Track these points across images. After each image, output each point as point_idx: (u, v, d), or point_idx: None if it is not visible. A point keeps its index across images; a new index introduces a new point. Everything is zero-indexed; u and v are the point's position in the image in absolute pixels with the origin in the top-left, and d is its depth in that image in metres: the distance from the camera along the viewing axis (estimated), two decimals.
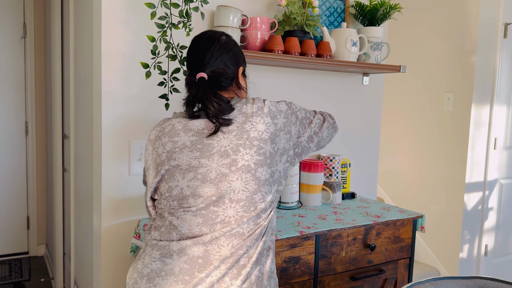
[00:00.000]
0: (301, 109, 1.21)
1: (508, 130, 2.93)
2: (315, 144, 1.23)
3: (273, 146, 1.09)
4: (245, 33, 1.72)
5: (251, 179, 1.05)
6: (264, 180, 1.07)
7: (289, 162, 1.14)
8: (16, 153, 3.37)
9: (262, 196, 1.07)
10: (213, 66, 1.15)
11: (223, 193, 1.05)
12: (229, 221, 1.04)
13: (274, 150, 1.09)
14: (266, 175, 1.07)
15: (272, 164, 1.09)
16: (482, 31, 2.69)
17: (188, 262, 1.02)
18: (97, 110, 1.65)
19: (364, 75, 2.21)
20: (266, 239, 1.08)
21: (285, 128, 1.13)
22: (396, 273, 1.81)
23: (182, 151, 1.08)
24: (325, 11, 2.02)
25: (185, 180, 1.07)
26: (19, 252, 3.46)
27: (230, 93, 1.19)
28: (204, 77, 1.13)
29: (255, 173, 1.06)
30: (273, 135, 1.09)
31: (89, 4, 1.77)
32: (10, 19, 3.26)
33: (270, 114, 1.11)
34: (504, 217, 3.00)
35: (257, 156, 1.06)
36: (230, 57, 1.17)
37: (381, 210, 1.88)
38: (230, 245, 1.03)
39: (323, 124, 1.26)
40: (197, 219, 1.05)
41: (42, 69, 3.39)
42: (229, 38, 1.20)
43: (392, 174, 3.26)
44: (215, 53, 1.15)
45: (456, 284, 1.18)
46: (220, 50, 1.16)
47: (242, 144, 1.06)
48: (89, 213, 1.90)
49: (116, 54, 1.60)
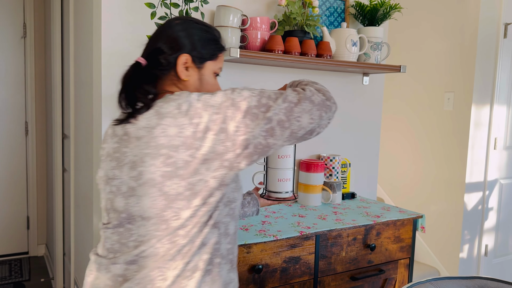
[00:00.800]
0: (253, 95, 0.92)
1: (508, 130, 2.93)
2: (285, 137, 0.93)
3: (190, 152, 0.89)
4: (245, 33, 1.72)
5: (158, 194, 0.90)
6: (176, 195, 0.90)
7: (228, 167, 0.91)
8: (16, 153, 3.37)
9: (175, 213, 0.91)
10: (147, 49, 1.03)
11: (134, 209, 0.94)
12: (142, 240, 0.93)
13: (191, 158, 0.89)
14: (178, 189, 0.89)
15: (187, 175, 0.89)
16: (482, 31, 2.68)
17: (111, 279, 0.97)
18: (97, 110, 1.65)
19: (364, 75, 2.20)
20: (192, 259, 0.93)
21: (214, 126, 0.89)
22: (396, 273, 1.81)
23: (105, 160, 0.99)
24: (325, 11, 2.02)
25: (106, 193, 0.99)
26: (19, 252, 3.46)
27: (171, 87, 1.03)
28: (141, 62, 1.01)
29: (161, 187, 0.90)
30: (190, 138, 0.88)
31: (89, 4, 1.77)
32: (10, 19, 3.26)
33: (188, 113, 0.90)
34: (504, 217, 3.00)
35: (164, 167, 0.89)
36: (165, 39, 1.01)
37: (381, 210, 1.88)
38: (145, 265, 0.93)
39: (295, 107, 0.93)
40: (114, 237, 0.97)
41: (42, 69, 3.39)
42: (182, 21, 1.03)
43: (392, 174, 3.26)
44: (153, 34, 1.04)
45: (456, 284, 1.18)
46: (158, 31, 1.04)
47: (150, 154, 0.90)
48: (89, 213, 1.90)
49: (116, 54, 1.60)
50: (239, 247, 1.40)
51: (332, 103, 0.99)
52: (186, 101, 0.91)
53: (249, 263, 1.43)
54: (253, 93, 0.93)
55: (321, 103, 0.97)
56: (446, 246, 2.86)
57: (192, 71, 1.02)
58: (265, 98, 0.92)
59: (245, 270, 1.42)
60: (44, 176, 3.47)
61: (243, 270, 1.42)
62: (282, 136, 0.93)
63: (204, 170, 0.90)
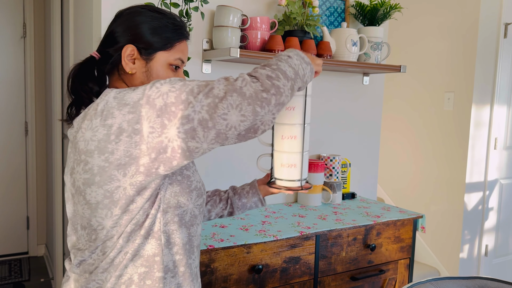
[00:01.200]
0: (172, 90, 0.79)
1: (508, 130, 2.93)
2: (210, 139, 0.79)
3: (104, 157, 0.80)
4: (245, 33, 1.72)
5: (84, 202, 0.85)
6: (96, 203, 0.83)
7: (145, 173, 0.81)
8: (16, 153, 3.37)
9: (99, 223, 0.84)
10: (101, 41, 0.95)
11: (72, 217, 0.90)
12: (82, 249, 0.89)
13: (106, 163, 0.80)
14: (97, 197, 0.83)
15: (103, 182, 0.81)
16: (482, 31, 2.68)
17: None
18: None
19: (364, 75, 2.20)
20: (124, 272, 0.86)
21: (128, 127, 0.79)
22: (396, 273, 1.81)
23: None
24: (325, 11, 2.02)
25: None
26: (19, 252, 3.46)
27: (119, 82, 0.94)
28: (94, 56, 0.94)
29: (85, 196, 0.84)
30: (103, 142, 0.80)
31: (89, 3, 1.77)
32: (10, 19, 3.26)
33: (103, 113, 0.81)
34: (504, 217, 3.00)
35: (84, 174, 0.83)
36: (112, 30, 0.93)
37: (381, 210, 1.87)
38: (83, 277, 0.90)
39: (220, 103, 0.77)
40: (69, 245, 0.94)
41: (42, 69, 3.39)
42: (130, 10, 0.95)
43: (392, 174, 3.26)
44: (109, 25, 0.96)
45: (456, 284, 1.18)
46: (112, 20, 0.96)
47: (76, 160, 0.85)
48: None
49: None
50: (239, 247, 1.40)
51: (271, 94, 0.80)
52: (103, 100, 0.82)
53: (249, 263, 1.43)
54: (173, 86, 0.79)
55: (254, 95, 0.79)
56: (446, 246, 2.86)
57: (138, 63, 0.92)
58: (185, 94, 0.78)
59: (245, 270, 1.42)
60: (44, 176, 3.46)
61: (243, 270, 1.42)
62: (206, 138, 0.78)
63: (121, 176, 0.80)
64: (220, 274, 1.38)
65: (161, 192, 0.86)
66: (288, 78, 0.84)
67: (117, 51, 0.91)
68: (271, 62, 0.86)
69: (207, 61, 1.77)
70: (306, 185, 1.10)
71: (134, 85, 0.92)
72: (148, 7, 0.95)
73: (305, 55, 0.93)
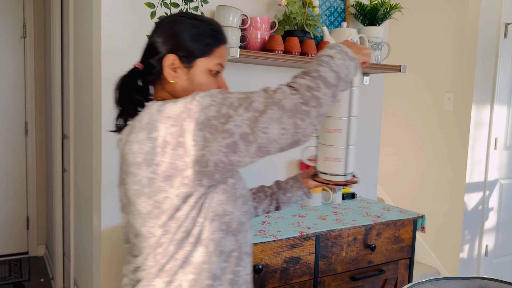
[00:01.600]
0: (212, 104, 0.80)
1: (508, 130, 2.93)
2: (252, 152, 0.79)
3: (151, 169, 0.83)
4: (245, 33, 1.72)
5: (135, 212, 0.89)
6: (147, 213, 0.87)
7: (190, 185, 0.83)
8: (16, 153, 3.37)
9: (149, 232, 0.88)
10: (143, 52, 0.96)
11: (126, 226, 0.95)
12: (136, 256, 0.94)
13: (154, 174, 0.83)
14: (147, 207, 0.86)
15: (153, 193, 0.84)
16: (482, 31, 2.68)
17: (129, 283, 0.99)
18: (97, 110, 1.65)
19: (364, 75, 2.20)
20: (174, 278, 0.88)
21: (172, 140, 0.80)
22: (396, 273, 1.80)
23: None
24: (325, 10, 2.02)
25: None
26: (19, 252, 3.46)
27: (162, 92, 0.96)
28: (138, 67, 0.95)
29: (136, 206, 0.88)
30: (150, 154, 0.82)
31: (89, 3, 1.77)
32: (9, 19, 3.26)
33: (148, 126, 0.83)
34: (504, 217, 2.99)
35: (134, 186, 0.87)
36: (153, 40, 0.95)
37: (381, 210, 1.87)
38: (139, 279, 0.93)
39: (261, 117, 0.77)
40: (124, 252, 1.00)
41: (42, 69, 3.39)
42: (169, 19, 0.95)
43: (392, 174, 3.26)
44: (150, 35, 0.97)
45: (456, 284, 1.18)
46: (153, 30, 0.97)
47: (126, 171, 0.89)
48: (89, 213, 1.89)
49: (116, 54, 1.60)
50: None
51: (311, 106, 0.78)
52: (147, 113, 0.84)
53: None
54: (213, 100, 0.80)
55: (294, 108, 0.78)
56: (447, 246, 2.86)
57: (180, 72, 0.93)
58: (225, 107, 0.79)
59: None
60: (44, 176, 3.46)
61: None
62: (247, 152, 0.79)
63: (168, 187, 0.83)
64: None
65: (207, 200, 0.87)
66: (329, 85, 0.81)
67: (159, 61, 0.93)
68: (312, 67, 0.84)
69: None
70: (352, 179, 1.08)
71: (177, 93, 0.94)
72: (186, 14, 0.96)
73: (349, 49, 0.89)
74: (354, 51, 0.92)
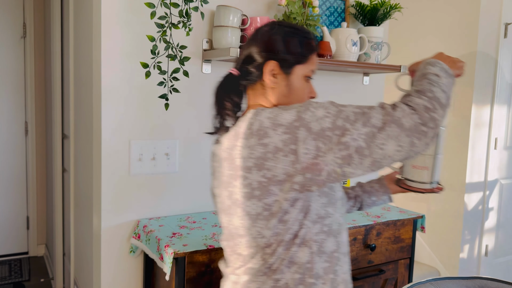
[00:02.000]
0: (327, 116, 0.83)
1: (508, 130, 2.93)
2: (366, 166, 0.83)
3: (262, 173, 0.87)
4: (245, 33, 1.72)
5: (243, 214, 0.93)
6: (256, 215, 0.91)
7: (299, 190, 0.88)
8: (16, 153, 3.37)
9: (258, 233, 0.92)
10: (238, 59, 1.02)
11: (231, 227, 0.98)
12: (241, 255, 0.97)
13: (264, 179, 0.87)
14: (257, 209, 0.90)
15: (263, 196, 0.89)
16: (482, 31, 2.68)
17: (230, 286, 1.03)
18: (97, 110, 1.65)
19: (364, 75, 2.20)
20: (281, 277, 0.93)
21: (284, 147, 0.84)
22: (396, 273, 1.80)
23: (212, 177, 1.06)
24: (325, 10, 2.02)
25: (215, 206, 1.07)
26: (19, 252, 3.46)
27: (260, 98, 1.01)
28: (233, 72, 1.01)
29: (244, 207, 0.92)
30: (261, 159, 0.86)
31: (89, 3, 1.77)
32: (9, 19, 3.26)
33: (258, 133, 0.87)
34: (504, 217, 2.99)
35: (243, 188, 0.90)
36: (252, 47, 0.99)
37: (381, 210, 1.87)
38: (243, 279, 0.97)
39: (379, 133, 0.81)
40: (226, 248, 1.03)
41: (42, 69, 3.39)
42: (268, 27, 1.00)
43: None
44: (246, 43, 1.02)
45: (456, 284, 1.18)
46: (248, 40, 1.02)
47: (233, 175, 0.92)
48: (89, 213, 1.89)
49: (116, 54, 1.60)
50: None
51: (429, 127, 0.81)
52: (257, 120, 0.88)
53: None
54: (328, 112, 0.84)
55: (413, 128, 0.81)
56: (446, 246, 2.86)
57: (280, 78, 0.98)
58: (341, 120, 0.83)
59: None
60: (44, 176, 3.46)
61: None
62: (362, 165, 0.83)
63: (278, 191, 0.88)
64: (220, 274, 1.38)
65: (312, 204, 0.92)
66: (443, 106, 0.85)
67: (258, 67, 0.98)
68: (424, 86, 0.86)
69: (207, 61, 1.77)
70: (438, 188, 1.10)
71: (275, 98, 0.99)
72: (283, 23, 1.02)
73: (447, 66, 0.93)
74: (449, 65, 0.95)
